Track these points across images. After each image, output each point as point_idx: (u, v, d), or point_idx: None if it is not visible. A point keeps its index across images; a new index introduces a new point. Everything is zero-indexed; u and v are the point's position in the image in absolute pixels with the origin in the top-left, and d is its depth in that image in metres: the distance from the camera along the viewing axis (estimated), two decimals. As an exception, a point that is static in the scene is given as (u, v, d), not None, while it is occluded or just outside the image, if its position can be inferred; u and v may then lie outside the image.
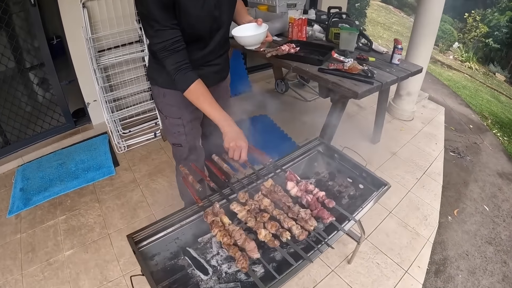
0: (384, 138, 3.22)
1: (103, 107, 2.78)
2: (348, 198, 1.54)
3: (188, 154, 1.72)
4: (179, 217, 1.31)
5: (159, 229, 1.28)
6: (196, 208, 1.32)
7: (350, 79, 2.03)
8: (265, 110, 3.64)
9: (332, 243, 1.21)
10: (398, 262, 2.12)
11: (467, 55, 6.45)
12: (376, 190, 1.49)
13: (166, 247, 1.30)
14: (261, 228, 1.18)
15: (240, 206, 1.25)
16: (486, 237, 2.42)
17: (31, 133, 2.91)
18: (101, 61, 2.81)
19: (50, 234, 2.18)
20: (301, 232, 1.18)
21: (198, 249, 1.32)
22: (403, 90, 3.43)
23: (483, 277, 2.13)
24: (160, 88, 1.52)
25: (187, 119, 1.59)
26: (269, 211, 1.26)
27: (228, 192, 1.38)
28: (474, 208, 2.69)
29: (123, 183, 2.63)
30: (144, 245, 1.26)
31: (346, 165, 1.59)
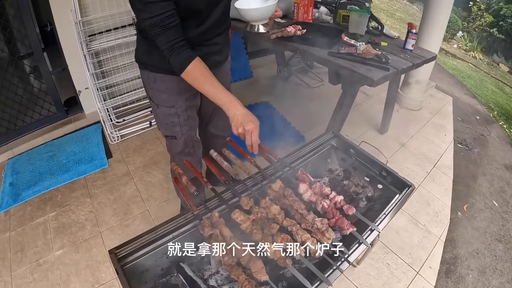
0: (392, 128, 2.99)
1: (94, 95, 2.51)
2: (366, 201, 1.30)
3: (184, 148, 1.51)
4: (170, 227, 1.06)
5: (148, 242, 1.04)
6: (191, 216, 1.07)
7: (363, 64, 1.78)
8: (266, 97, 3.39)
9: (353, 259, 0.98)
10: (409, 262, 1.95)
11: (471, 45, 6.17)
12: (398, 192, 1.25)
13: (156, 262, 1.07)
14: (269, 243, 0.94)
15: (244, 215, 1.00)
16: (495, 234, 2.28)
17: (21, 124, 2.67)
18: (92, 46, 2.54)
19: (40, 232, 2.00)
20: (317, 248, 0.94)
21: (194, 264, 1.09)
22: (412, 78, 3.17)
23: (493, 276, 2.00)
24: (150, 72, 1.32)
25: (181, 108, 1.38)
26: (278, 221, 1.02)
27: (229, 196, 1.13)
28: (483, 203, 2.52)
29: (116, 176, 2.40)
30: (129, 261, 1.02)
31: (363, 161, 1.34)
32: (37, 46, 2.50)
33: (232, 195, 1.13)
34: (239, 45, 3.65)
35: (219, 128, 1.73)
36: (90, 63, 2.51)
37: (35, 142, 2.66)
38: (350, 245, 1.03)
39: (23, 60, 2.58)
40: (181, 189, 1.13)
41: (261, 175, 1.19)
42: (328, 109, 2.12)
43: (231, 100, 1.12)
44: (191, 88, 1.20)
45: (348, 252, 0.98)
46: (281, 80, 3.79)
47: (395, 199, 1.21)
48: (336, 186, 1.34)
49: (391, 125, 2.95)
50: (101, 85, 2.61)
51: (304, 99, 3.45)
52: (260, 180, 1.16)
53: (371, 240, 1.04)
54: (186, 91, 1.35)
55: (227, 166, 1.17)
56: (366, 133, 2.94)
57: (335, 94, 2.08)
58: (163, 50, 1.09)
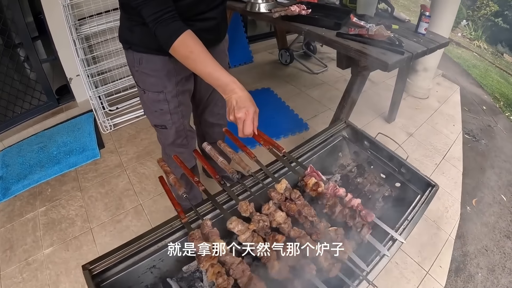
0: (399, 117, 2.79)
1: (84, 82, 2.27)
2: (383, 201, 1.09)
3: (175, 138, 1.32)
4: (155, 237, 0.85)
5: (129, 255, 0.83)
6: (179, 224, 0.86)
7: (376, 47, 1.55)
8: (268, 83, 3.17)
9: (373, 277, 0.78)
10: (418, 261, 1.80)
11: (476, 34, 5.88)
12: (420, 193, 1.04)
13: (139, 278, 0.86)
14: (273, 260, 0.74)
15: (242, 224, 0.79)
16: (504, 231, 2.14)
17: (11, 114, 2.44)
18: (82, 30, 2.29)
19: (29, 229, 1.85)
20: (331, 265, 0.74)
21: (184, 279, 0.88)
22: (420, 65, 2.93)
23: (502, 275, 1.89)
24: (134, 53, 1.12)
25: (171, 93, 1.17)
26: (284, 231, 0.81)
27: (224, 199, 0.92)
28: (492, 197, 2.36)
29: (108, 167, 2.19)
30: (107, 278, 0.81)
31: (379, 156, 1.12)
32: (26, 35, 2.28)
33: (228, 197, 0.91)
34: (239, 29, 3.40)
35: (216, 115, 1.52)
36: (80, 48, 2.27)
37: (26, 133, 2.44)
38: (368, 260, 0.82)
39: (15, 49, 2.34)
40: (167, 191, 0.91)
41: (263, 173, 0.97)
42: (332, 96, 1.92)
43: (229, 82, 0.92)
44: (182, 70, 0.99)
45: (367, 269, 0.77)
46: (283, 65, 3.55)
47: (417, 201, 1.00)
48: (349, 184, 1.12)
49: (398, 114, 2.75)
50: (92, 71, 2.37)
51: (307, 85, 3.23)
52: (262, 179, 0.95)
53: (394, 252, 0.83)
54: (176, 73, 1.14)
55: (223, 162, 0.96)
56: (373, 122, 2.74)
57: (340, 81, 1.88)
58: (149, 23, 0.90)
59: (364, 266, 0.78)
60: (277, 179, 0.92)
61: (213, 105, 1.46)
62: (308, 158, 1.08)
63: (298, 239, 0.79)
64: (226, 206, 0.91)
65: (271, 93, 3.02)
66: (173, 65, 1.11)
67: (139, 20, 0.98)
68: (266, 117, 2.65)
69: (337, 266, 0.74)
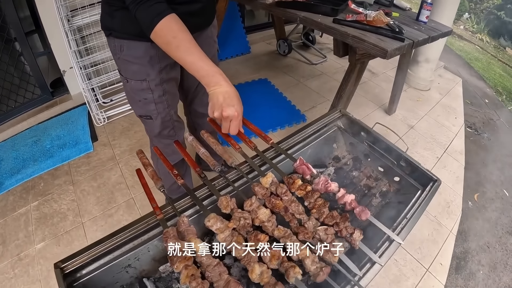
0: (400, 108, 2.68)
1: (77, 74, 2.18)
2: (380, 197, 0.99)
3: (161, 129, 1.23)
4: (130, 234, 0.76)
5: (103, 253, 0.74)
6: (155, 221, 0.77)
7: (374, 33, 1.44)
8: (265, 74, 3.06)
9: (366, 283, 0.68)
10: (418, 258, 1.72)
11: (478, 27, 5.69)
12: (421, 188, 0.94)
13: (114, 278, 0.77)
14: (253, 262, 0.64)
15: (221, 221, 0.70)
16: (506, 227, 2.06)
17: (5, 109, 2.36)
18: (74, 22, 2.19)
19: (21, 223, 1.79)
20: (319, 269, 0.64)
21: (161, 280, 0.79)
22: (421, 56, 2.80)
23: (503, 273, 1.81)
24: (115, 39, 1.03)
25: (155, 81, 1.08)
26: (268, 230, 0.71)
27: (204, 194, 0.82)
28: (494, 192, 2.27)
29: (100, 161, 2.11)
30: (79, 277, 0.73)
31: (377, 148, 1.02)
32: (19, 30, 2.20)
33: (209, 192, 0.81)
34: (236, 19, 3.29)
35: (206, 105, 1.42)
36: (72, 39, 2.17)
37: (20, 127, 2.36)
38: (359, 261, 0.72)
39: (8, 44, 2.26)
40: (143, 185, 0.82)
41: (248, 166, 0.87)
42: (331, 87, 1.82)
43: (214, 73, 0.83)
44: (165, 57, 0.89)
45: (360, 274, 0.67)
46: (281, 56, 3.44)
47: (418, 197, 0.90)
48: (344, 178, 1.02)
49: (399, 106, 2.64)
50: (85, 63, 2.28)
51: (305, 76, 3.12)
52: (247, 173, 0.85)
53: (388, 257, 0.73)
54: (159, 60, 1.04)
55: (204, 153, 0.86)
56: (372, 114, 2.64)
57: (339, 72, 1.78)
58: (129, 5, 0.81)
59: (357, 270, 0.68)
60: (263, 172, 0.82)
61: (202, 94, 1.36)
62: (299, 150, 0.97)
63: (282, 239, 0.69)
64: (207, 202, 0.82)
65: (268, 84, 2.92)
66: (156, 51, 1.01)
67: (119, 4, 0.90)
68: (263, 108, 2.56)
69: (325, 270, 0.64)
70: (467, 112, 2.95)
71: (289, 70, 3.21)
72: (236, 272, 0.75)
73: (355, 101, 1.92)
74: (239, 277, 0.74)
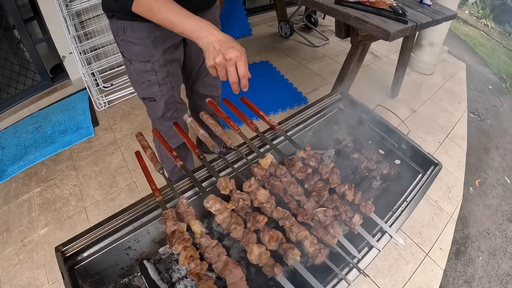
0: (402, 92, 2.63)
1: (76, 59, 2.15)
2: (381, 180, 0.97)
3: (165, 111, 1.21)
4: (130, 217, 0.76)
5: (103, 235, 0.74)
6: (154, 203, 0.76)
7: (377, 15, 1.40)
8: (266, 56, 3.01)
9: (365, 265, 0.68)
10: (418, 242, 1.71)
11: (483, 12, 5.54)
12: (421, 172, 0.92)
13: (114, 260, 0.78)
14: (252, 243, 0.63)
15: (220, 202, 0.69)
16: (507, 214, 2.03)
17: (6, 96, 2.34)
18: (72, 6, 2.14)
19: (25, 210, 1.80)
20: (318, 251, 0.63)
21: (162, 262, 0.79)
22: (425, 40, 2.74)
23: (503, 260, 1.80)
24: (118, 21, 0.99)
25: (159, 62, 1.05)
26: (266, 211, 0.70)
27: (203, 175, 0.81)
28: (496, 179, 2.23)
29: (102, 145, 2.10)
30: (80, 260, 0.73)
31: (378, 130, 1.00)
32: (17, 17, 2.15)
33: (208, 173, 0.80)
34: (237, 1, 3.21)
35: (208, 86, 1.40)
36: (71, 25, 2.13)
37: (21, 114, 2.35)
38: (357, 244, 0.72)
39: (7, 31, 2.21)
40: (142, 167, 0.81)
41: (247, 147, 0.85)
42: (333, 70, 1.79)
43: (202, 24, 0.78)
44: (169, 37, 0.88)
45: (359, 256, 0.67)
46: (283, 38, 3.36)
47: (418, 181, 0.88)
48: (344, 160, 1.01)
49: (402, 89, 2.59)
50: (85, 47, 2.24)
51: (307, 58, 3.06)
52: (246, 154, 0.84)
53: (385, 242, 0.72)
54: (163, 41, 1.02)
55: (203, 135, 0.84)
56: (375, 97, 2.58)
57: (341, 54, 1.74)
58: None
59: (356, 252, 0.67)
60: (262, 154, 0.81)
61: (205, 76, 1.33)
62: (300, 131, 0.95)
63: (281, 221, 0.68)
64: (207, 183, 0.81)
65: (269, 66, 2.87)
66: (160, 32, 0.99)
67: None
68: (264, 90, 2.52)
69: (324, 252, 0.63)
70: (470, 97, 2.89)
71: (290, 52, 3.14)
72: (235, 253, 0.75)
73: (357, 84, 1.87)
74: (238, 258, 0.74)
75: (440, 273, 1.61)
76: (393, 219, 0.76)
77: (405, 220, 0.79)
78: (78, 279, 0.72)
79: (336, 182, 0.77)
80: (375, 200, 0.92)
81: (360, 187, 0.94)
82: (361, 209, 0.73)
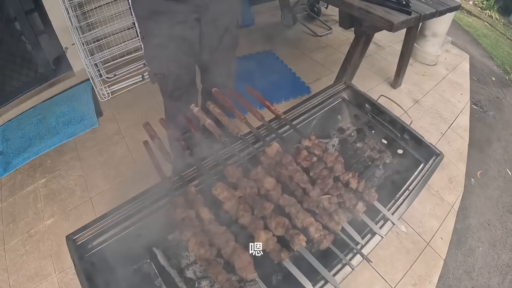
0: (405, 82, 2.64)
1: (79, 50, 2.15)
2: (383, 169, 0.99)
3: (173, 89, 1.20)
4: (139, 204, 0.78)
5: (113, 224, 0.77)
6: (163, 191, 0.78)
7: (381, 5, 1.40)
8: (270, 46, 3.00)
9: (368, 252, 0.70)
10: (419, 232, 1.73)
11: (488, 3, 5.48)
12: (423, 162, 0.94)
13: (124, 248, 0.80)
14: (259, 230, 0.65)
15: (228, 190, 0.71)
16: (508, 206, 2.05)
17: (9, 88, 2.35)
18: (74, -3, 2.13)
19: (30, 201, 1.81)
20: (323, 237, 0.65)
21: (170, 249, 0.81)
22: (428, 30, 2.73)
23: (503, 251, 1.82)
24: None
25: (168, 38, 1.06)
26: (273, 199, 0.72)
27: (211, 164, 0.83)
28: (497, 171, 2.25)
29: (106, 136, 2.12)
30: (92, 247, 0.75)
31: (381, 120, 1.01)
32: (18, 9, 2.15)
33: (215, 162, 0.82)
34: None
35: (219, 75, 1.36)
36: (73, 16, 2.12)
37: (25, 106, 2.36)
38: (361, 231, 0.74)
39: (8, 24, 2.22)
40: (151, 156, 0.83)
41: (253, 136, 0.87)
42: (337, 59, 1.79)
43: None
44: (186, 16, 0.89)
45: (362, 242, 0.69)
46: (286, 28, 3.34)
47: (420, 170, 0.90)
48: (348, 149, 1.02)
49: (405, 80, 2.60)
50: (87, 38, 2.24)
51: (310, 48, 3.05)
52: (252, 143, 0.85)
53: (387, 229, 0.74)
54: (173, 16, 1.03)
55: (210, 124, 0.86)
56: (377, 87, 2.60)
57: (344, 44, 1.74)
58: None
59: (359, 238, 0.69)
60: (268, 142, 0.82)
61: (218, 63, 1.31)
62: (304, 121, 0.97)
63: (288, 208, 0.70)
64: (214, 171, 0.83)
65: (273, 56, 2.87)
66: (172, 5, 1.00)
67: None
68: (268, 80, 2.52)
69: (329, 238, 0.66)
70: (473, 89, 2.89)
71: (294, 42, 3.13)
72: (243, 239, 0.77)
73: (360, 74, 1.88)
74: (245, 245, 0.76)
75: (441, 262, 1.63)
76: (396, 207, 0.78)
77: (407, 208, 0.81)
78: (89, 267, 0.74)
79: (340, 170, 0.79)
80: (378, 188, 0.93)
81: (363, 176, 0.96)
82: (364, 196, 0.75)
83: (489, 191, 2.09)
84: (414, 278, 1.55)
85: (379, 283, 1.51)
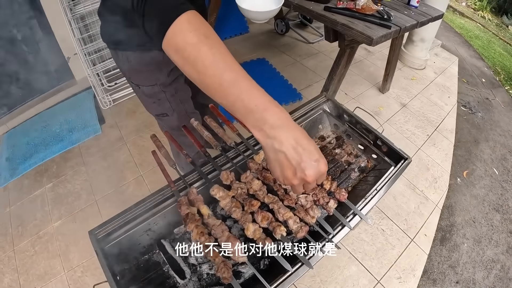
0: (394, 87, 2.82)
1: (82, 61, 2.34)
2: (358, 171, 1.18)
3: (179, 123, 1.24)
4: (150, 203, 0.97)
5: (128, 220, 0.95)
6: (169, 192, 0.97)
7: (363, 20, 1.59)
8: (263, 53, 3.18)
9: (338, 239, 0.88)
10: (404, 229, 1.90)
11: (481, 4, 5.65)
12: (393, 165, 1.12)
13: (137, 240, 0.98)
14: (248, 222, 0.84)
15: (223, 191, 0.90)
16: (494, 204, 2.19)
17: (14, 97, 2.50)
18: (76, 10, 2.31)
19: (38, 204, 1.97)
20: (299, 228, 0.84)
21: (176, 240, 1.00)
22: (416, 36, 2.92)
23: (488, 247, 1.95)
24: (121, 52, 1.04)
25: (165, 83, 1.14)
26: (259, 197, 0.91)
27: (209, 169, 1.02)
28: (484, 170, 2.40)
29: (109, 142, 2.31)
30: (110, 240, 0.94)
31: (357, 129, 1.21)
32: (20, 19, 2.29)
33: (212, 168, 1.01)
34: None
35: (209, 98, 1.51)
36: (76, 28, 2.31)
37: (28, 113, 2.53)
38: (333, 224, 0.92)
39: None
40: (158, 164, 1.02)
41: (244, 146, 1.06)
42: (327, 66, 1.97)
43: (268, 105, 0.56)
44: None
45: (333, 233, 0.87)
46: (278, 35, 3.53)
47: (389, 173, 1.08)
48: (327, 154, 1.21)
49: (393, 84, 2.78)
50: (89, 49, 2.43)
51: (302, 55, 3.24)
52: (243, 151, 1.05)
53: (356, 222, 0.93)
54: (166, 64, 1.09)
55: (208, 136, 1.05)
56: (366, 92, 2.78)
57: (335, 50, 1.90)
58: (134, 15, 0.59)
59: (330, 229, 0.88)
60: (256, 150, 1.02)
61: None
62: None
63: (271, 204, 0.89)
64: (211, 176, 1.02)
65: (266, 63, 3.03)
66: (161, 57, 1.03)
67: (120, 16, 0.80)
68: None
69: (304, 228, 0.84)
70: (463, 91, 3.06)
71: (286, 49, 3.30)
72: (235, 231, 0.96)
73: (350, 80, 2.04)
74: (237, 235, 0.95)
75: (424, 257, 1.79)
76: (364, 204, 0.97)
77: (375, 204, 0.99)
78: (108, 257, 0.92)
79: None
80: (353, 188, 1.12)
81: (340, 178, 1.14)
82: (336, 195, 0.94)
83: (475, 190, 2.23)
84: (399, 271, 1.71)
85: (366, 276, 1.67)
